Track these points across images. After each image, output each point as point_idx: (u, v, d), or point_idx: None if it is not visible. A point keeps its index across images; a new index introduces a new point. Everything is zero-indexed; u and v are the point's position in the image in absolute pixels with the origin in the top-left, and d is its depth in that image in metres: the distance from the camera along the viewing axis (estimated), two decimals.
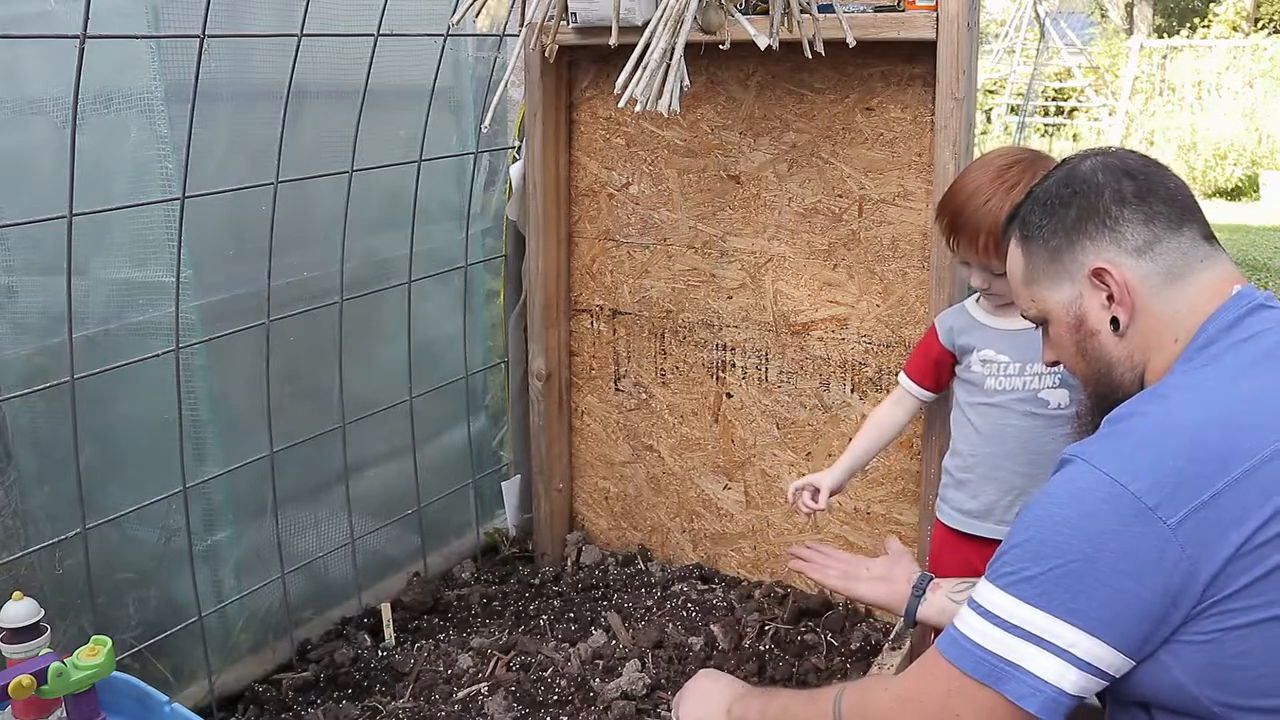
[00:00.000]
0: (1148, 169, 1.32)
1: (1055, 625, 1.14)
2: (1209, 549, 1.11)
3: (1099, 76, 13.37)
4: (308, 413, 2.36)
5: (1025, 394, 1.88)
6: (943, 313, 2.05)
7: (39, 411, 2.04)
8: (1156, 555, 1.11)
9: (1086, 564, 1.13)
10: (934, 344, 2.01)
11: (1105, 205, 1.30)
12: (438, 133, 2.60)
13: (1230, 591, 1.11)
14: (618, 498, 2.83)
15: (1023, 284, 1.40)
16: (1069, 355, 1.38)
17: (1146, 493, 1.12)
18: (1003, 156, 1.83)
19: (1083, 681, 1.15)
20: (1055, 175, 1.37)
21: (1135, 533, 1.12)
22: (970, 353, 1.95)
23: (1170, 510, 1.11)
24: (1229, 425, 1.15)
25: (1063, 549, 1.15)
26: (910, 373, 2.07)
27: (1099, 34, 17.40)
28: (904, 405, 2.08)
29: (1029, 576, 1.17)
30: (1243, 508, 1.11)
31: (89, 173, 1.83)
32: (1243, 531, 1.11)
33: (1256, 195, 10.32)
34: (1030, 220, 1.37)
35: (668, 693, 2.16)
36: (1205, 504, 1.11)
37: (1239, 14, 16.29)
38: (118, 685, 1.60)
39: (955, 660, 1.21)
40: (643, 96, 1.62)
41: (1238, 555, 1.11)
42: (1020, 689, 1.15)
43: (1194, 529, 1.11)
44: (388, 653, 2.38)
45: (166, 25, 1.99)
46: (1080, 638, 1.14)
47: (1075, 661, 1.14)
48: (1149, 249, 1.28)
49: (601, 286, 2.73)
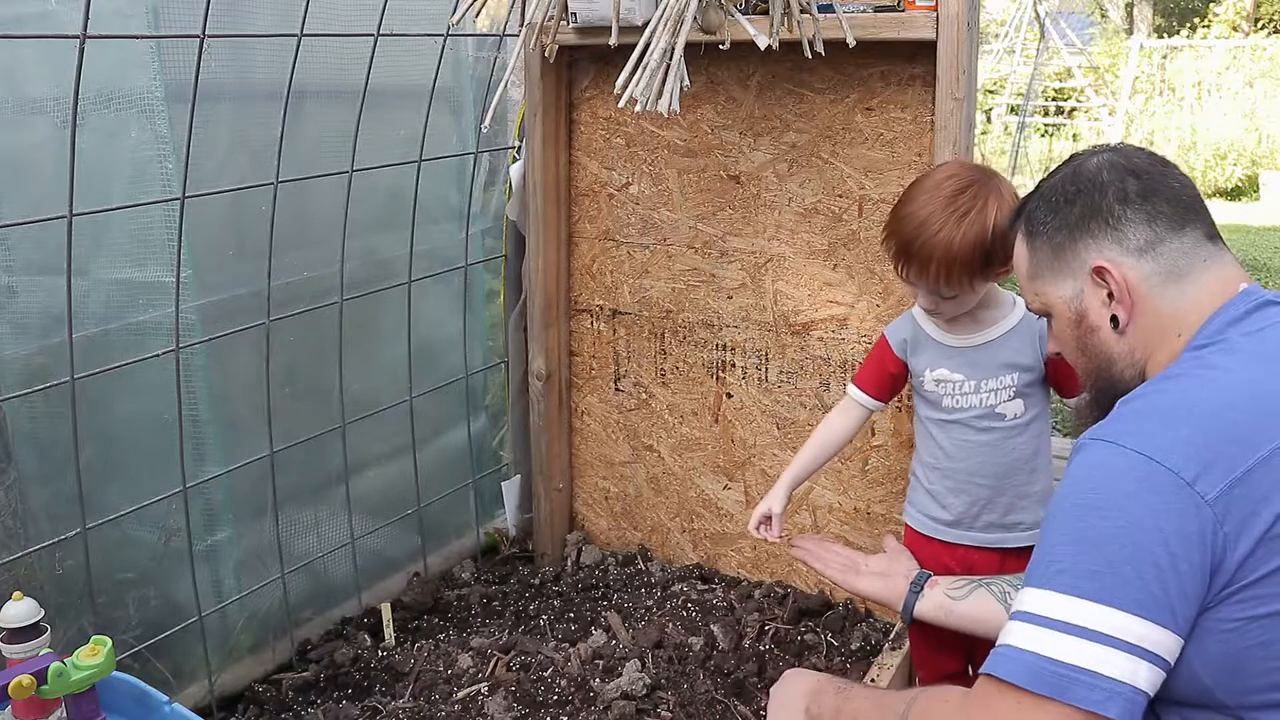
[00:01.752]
0: (1153, 168, 1.33)
1: (1119, 618, 1.07)
2: (1244, 525, 1.09)
3: (1099, 76, 13.37)
4: (308, 413, 2.36)
5: (983, 410, 1.85)
6: (893, 325, 1.97)
7: (39, 411, 2.04)
8: (1198, 529, 1.08)
9: (1135, 548, 1.08)
10: (888, 357, 1.95)
11: (1109, 204, 1.30)
12: (438, 133, 2.60)
13: (1257, 577, 1.09)
14: (618, 498, 2.83)
15: (1027, 278, 1.41)
16: (1070, 349, 1.39)
17: (1182, 467, 1.10)
18: (952, 180, 1.75)
19: (1153, 676, 1.08)
20: (1062, 172, 1.38)
21: (1177, 509, 1.08)
22: (924, 371, 1.90)
23: (1207, 485, 1.09)
24: (1251, 407, 1.14)
25: (1109, 535, 1.09)
26: (862, 385, 1.98)
27: (1099, 34, 17.39)
28: (852, 415, 2.00)
29: (1081, 571, 1.10)
30: (1273, 486, 1.09)
31: (89, 173, 1.83)
32: (1273, 510, 1.09)
33: (1256, 195, 10.32)
34: (1036, 216, 1.38)
35: (668, 693, 2.16)
36: (1239, 480, 1.09)
37: (1239, 14, 16.29)
38: (118, 685, 1.61)
39: (1011, 677, 1.10)
40: (643, 96, 1.63)
41: (1267, 537, 1.09)
42: (1093, 695, 1.06)
43: (1230, 505, 1.09)
44: (388, 653, 2.38)
45: (166, 25, 1.99)
46: (1148, 629, 1.07)
47: (1146, 655, 1.07)
48: (1150, 248, 1.28)
49: (601, 286, 2.73)
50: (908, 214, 1.76)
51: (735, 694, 2.16)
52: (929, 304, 1.84)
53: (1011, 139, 11.21)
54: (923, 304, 1.86)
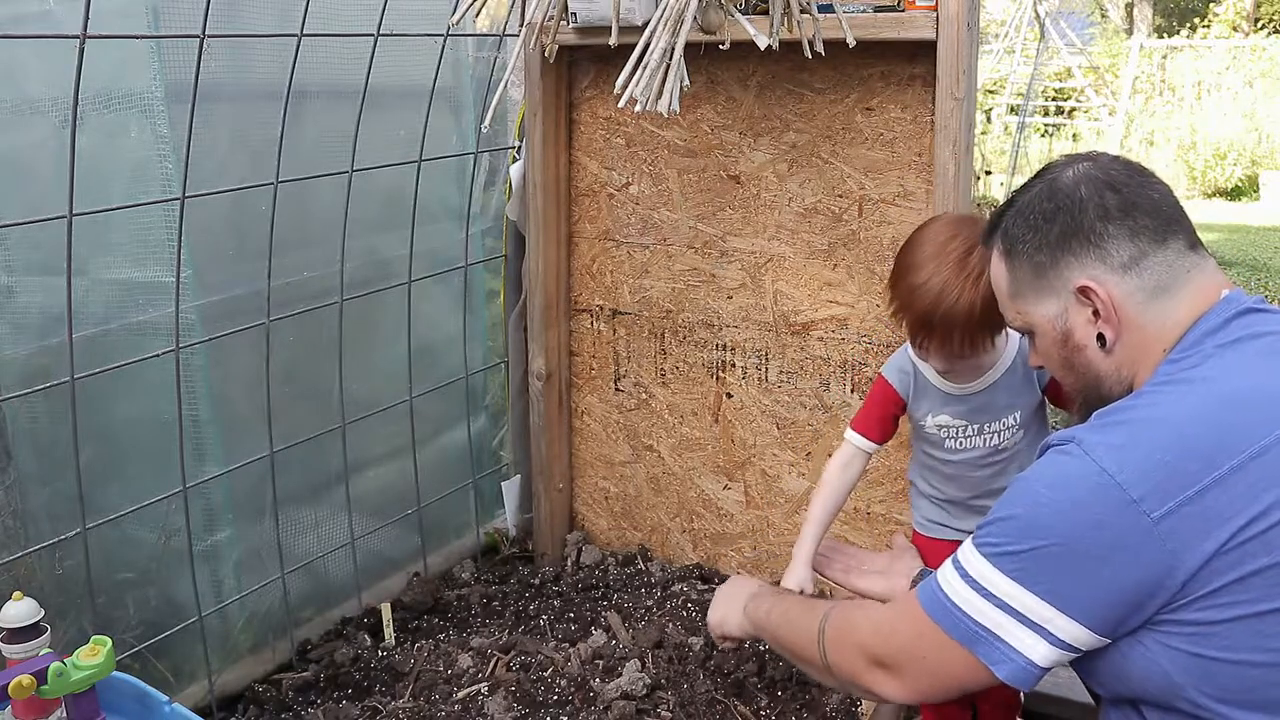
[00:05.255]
0: (1131, 180, 1.30)
1: (1033, 602, 1.19)
2: (1191, 544, 1.12)
3: (1099, 76, 13.37)
4: (308, 413, 2.36)
5: (986, 450, 1.82)
6: (889, 365, 1.89)
7: (39, 411, 2.04)
8: (1136, 547, 1.14)
9: (1068, 549, 1.17)
10: (892, 398, 1.87)
11: (1089, 221, 1.28)
12: (438, 133, 2.60)
13: (1216, 587, 1.13)
14: (618, 498, 2.83)
15: (1008, 297, 1.39)
16: (1056, 366, 1.38)
17: (1132, 484, 1.14)
18: (957, 240, 1.66)
19: (1053, 655, 1.20)
20: (1037, 187, 1.35)
21: (1118, 524, 1.14)
22: (924, 416, 1.84)
23: (1155, 504, 1.13)
24: (1217, 422, 1.16)
25: (1047, 530, 1.18)
26: (865, 431, 1.89)
27: (1099, 34, 17.38)
28: (855, 466, 1.90)
29: (1012, 552, 1.20)
30: (1229, 504, 1.12)
31: (89, 173, 1.83)
32: (1229, 528, 1.12)
33: (1256, 195, 10.32)
34: (1013, 234, 1.35)
35: (668, 692, 2.16)
36: (1190, 499, 1.13)
37: (1239, 14, 16.29)
38: (118, 685, 1.60)
39: (934, 615, 1.27)
40: (643, 96, 1.63)
41: (1222, 551, 1.12)
42: (993, 654, 1.22)
43: (1177, 524, 1.12)
44: (388, 653, 2.38)
45: (166, 25, 1.99)
46: (1056, 616, 1.18)
47: (1049, 637, 1.19)
48: (1135, 265, 1.27)
49: (601, 286, 2.73)
50: (920, 285, 1.66)
51: (735, 694, 2.16)
52: (944, 366, 1.76)
53: (1011, 139, 11.20)
54: (937, 367, 1.78)
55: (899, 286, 1.72)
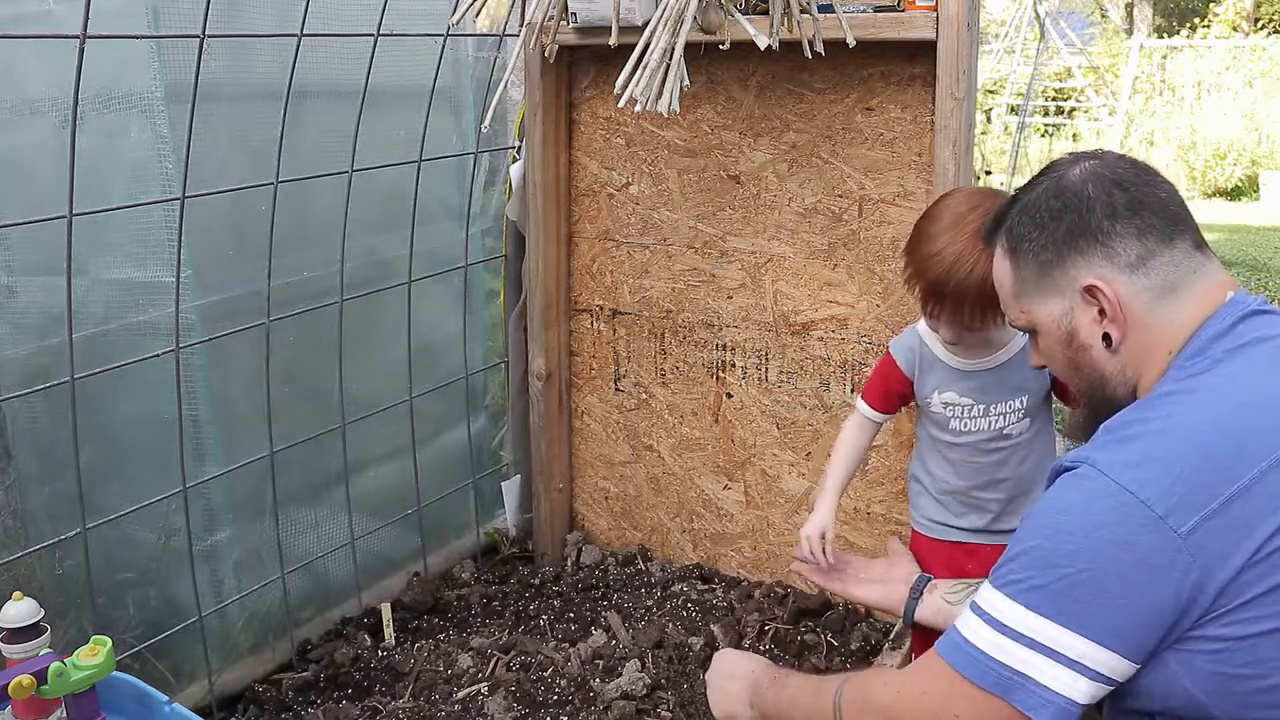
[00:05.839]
0: (1138, 178, 1.28)
1: (1066, 636, 1.13)
2: (1220, 558, 1.10)
3: (1099, 76, 13.37)
4: (308, 413, 2.36)
5: (991, 433, 1.83)
6: (897, 341, 1.91)
7: (39, 411, 2.04)
8: (1166, 565, 1.10)
9: (1096, 574, 1.12)
10: (894, 375, 1.90)
11: (1097, 220, 1.26)
12: (438, 133, 2.60)
13: (1243, 601, 1.10)
14: (618, 498, 2.83)
15: (1011, 295, 1.36)
16: (1061, 367, 1.36)
17: (1156, 501, 1.11)
18: (974, 212, 1.67)
19: (1093, 690, 1.14)
20: (1043, 184, 1.33)
21: (1145, 543, 1.10)
22: (931, 393, 1.85)
23: (1181, 519, 1.10)
24: (1234, 431, 1.14)
25: (1071, 557, 1.13)
26: (871, 401, 1.93)
27: (1099, 34, 17.38)
28: (868, 431, 1.95)
29: (1037, 585, 1.15)
30: (1254, 515, 1.10)
31: (89, 173, 1.83)
32: (1255, 540, 1.09)
33: (1256, 195, 10.31)
34: (1018, 231, 1.33)
35: (668, 692, 2.16)
36: (1215, 512, 1.10)
37: (1239, 14, 16.29)
38: (118, 685, 1.60)
39: (961, 668, 1.19)
40: (643, 96, 1.63)
41: (1250, 564, 1.09)
42: (1030, 700, 1.14)
43: (1204, 537, 1.10)
44: (388, 653, 2.38)
45: (166, 25, 1.99)
46: (1091, 649, 1.13)
47: (1086, 672, 1.13)
48: (1142, 264, 1.25)
49: (601, 286, 2.73)
50: (935, 253, 1.68)
51: None
52: (953, 338, 1.78)
53: (1011, 139, 11.20)
54: (946, 337, 1.79)
55: (915, 254, 1.75)
